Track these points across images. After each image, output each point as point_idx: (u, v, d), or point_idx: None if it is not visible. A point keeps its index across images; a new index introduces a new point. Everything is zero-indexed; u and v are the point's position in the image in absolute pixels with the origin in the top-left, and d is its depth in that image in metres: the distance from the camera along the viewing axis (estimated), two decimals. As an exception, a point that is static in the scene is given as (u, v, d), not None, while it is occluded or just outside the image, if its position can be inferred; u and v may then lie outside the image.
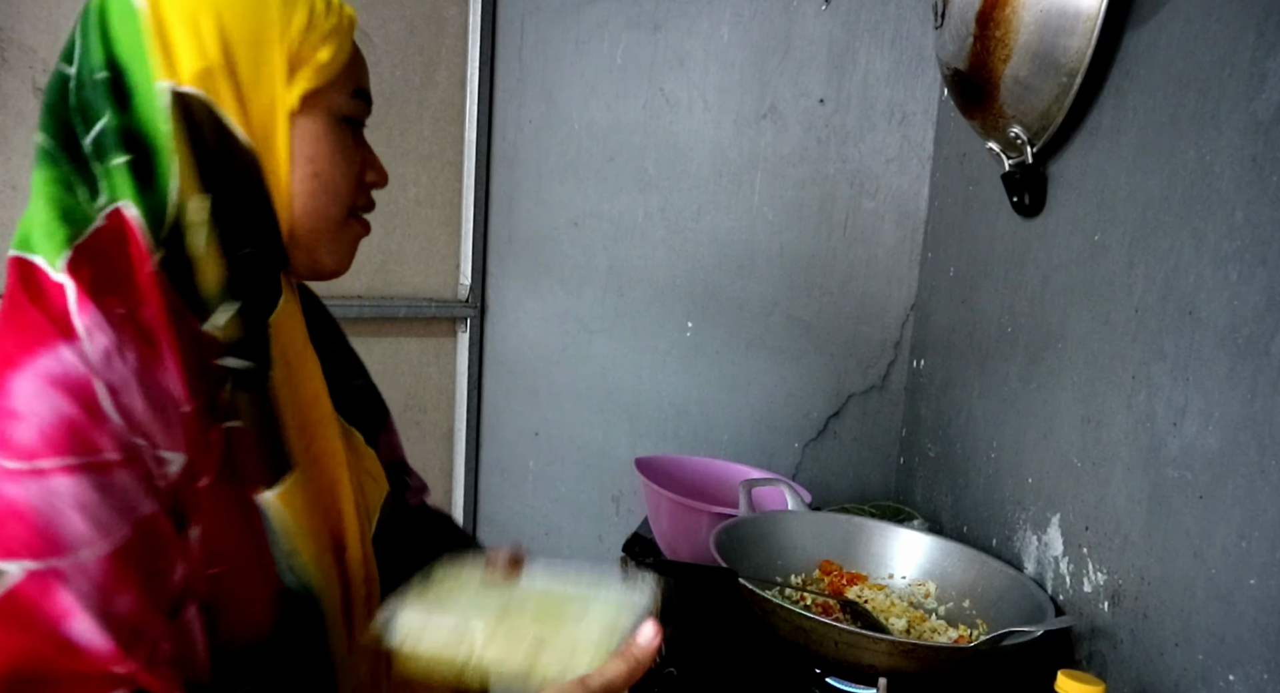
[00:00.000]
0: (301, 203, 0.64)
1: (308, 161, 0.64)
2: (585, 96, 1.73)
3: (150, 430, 0.54)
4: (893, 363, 1.63)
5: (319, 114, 0.64)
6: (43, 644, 0.47)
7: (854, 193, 1.61)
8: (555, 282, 1.79)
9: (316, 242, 0.66)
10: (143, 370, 0.54)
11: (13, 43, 1.37)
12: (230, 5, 0.59)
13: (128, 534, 0.51)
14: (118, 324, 0.54)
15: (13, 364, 0.51)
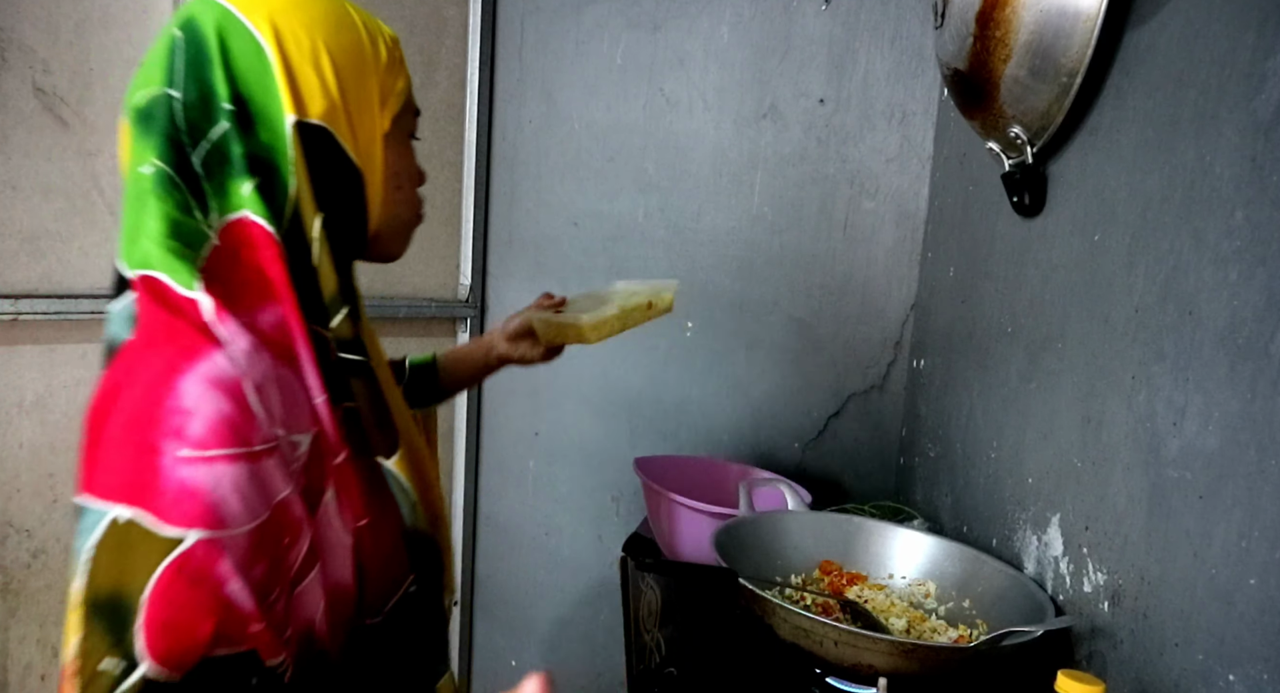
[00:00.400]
0: (388, 209, 0.75)
1: (394, 175, 0.75)
2: (585, 96, 1.73)
3: (284, 420, 0.63)
4: (893, 363, 1.63)
5: (399, 133, 0.75)
6: (209, 600, 0.57)
7: (854, 193, 1.61)
8: (555, 282, 1.79)
9: (393, 239, 0.78)
10: (275, 367, 0.64)
11: (13, 43, 1.37)
12: (341, 47, 0.69)
13: (267, 515, 0.60)
14: (251, 330, 0.63)
15: (178, 370, 0.60)
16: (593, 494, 1.83)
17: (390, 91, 0.73)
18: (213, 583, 0.57)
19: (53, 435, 1.47)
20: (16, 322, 1.40)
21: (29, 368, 1.44)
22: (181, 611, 0.56)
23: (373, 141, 0.72)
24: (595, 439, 1.80)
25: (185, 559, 0.56)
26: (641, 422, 1.77)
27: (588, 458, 1.81)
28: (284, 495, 0.62)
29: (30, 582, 1.48)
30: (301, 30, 0.67)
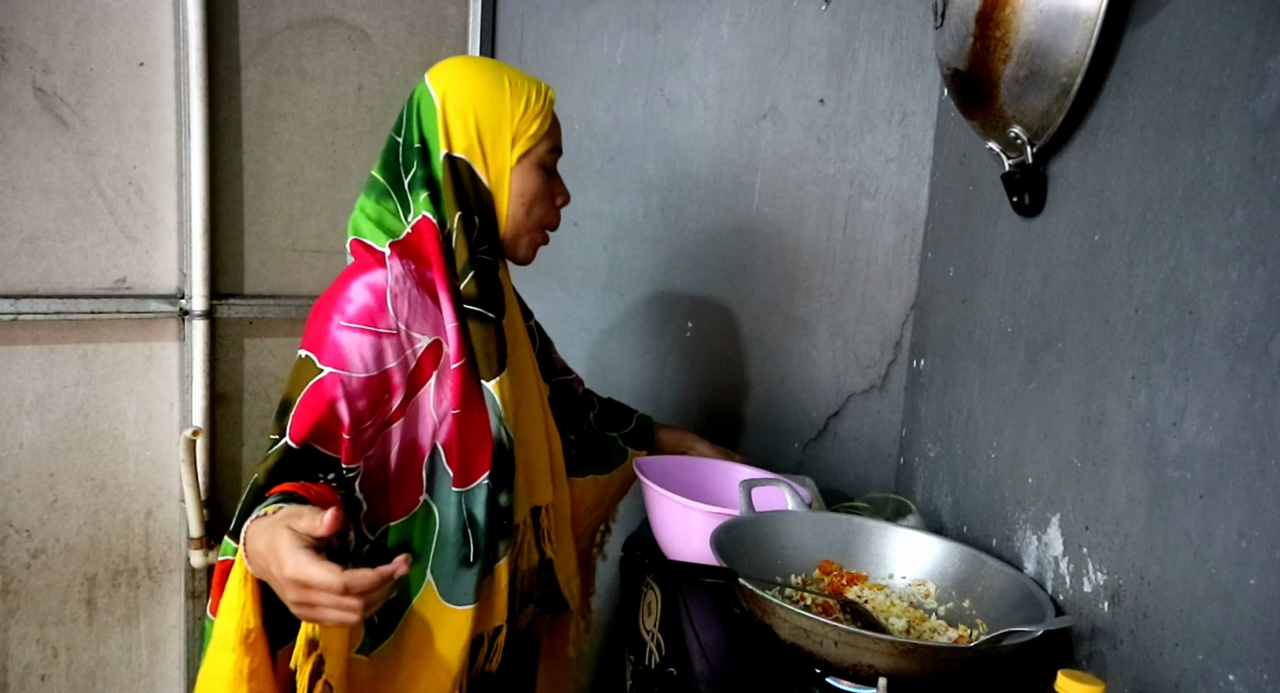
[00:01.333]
0: (513, 221, 1.09)
1: (519, 195, 1.08)
2: (585, 97, 1.73)
3: (409, 320, 0.99)
4: (893, 363, 1.63)
5: (528, 165, 1.07)
6: (321, 406, 0.93)
7: (854, 193, 1.61)
8: (555, 282, 1.79)
9: (517, 244, 1.12)
10: (416, 291, 1.00)
11: (13, 43, 1.37)
12: (484, 103, 1.04)
13: (377, 373, 0.96)
14: (409, 270, 1.01)
15: (355, 277, 0.99)
16: (593, 494, 1.82)
17: (521, 135, 1.06)
18: (328, 398, 0.93)
19: (53, 435, 1.47)
20: (16, 322, 1.40)
21: (29, 368, 1.44)
22: (306, 409, 0.92)
23: (502, 170, 1.06)
24: (595, 439, 1.80)
25: (320, 383, 0.93)
26: (641, 422, 1.77)
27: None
28: (391, 366, 0.97)
29: (30, 582, 1.48)
30: (459, 91, 1.04)
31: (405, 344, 0.98)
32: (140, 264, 1.51)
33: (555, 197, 1.12)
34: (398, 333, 0.97)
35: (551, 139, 1.08)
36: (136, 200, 1.49)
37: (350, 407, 0.93)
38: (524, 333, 1.16)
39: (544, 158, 1.08)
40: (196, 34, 1.45)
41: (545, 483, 1.15)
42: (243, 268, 1.58)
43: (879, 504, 1.49)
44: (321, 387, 0.92)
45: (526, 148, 1.06)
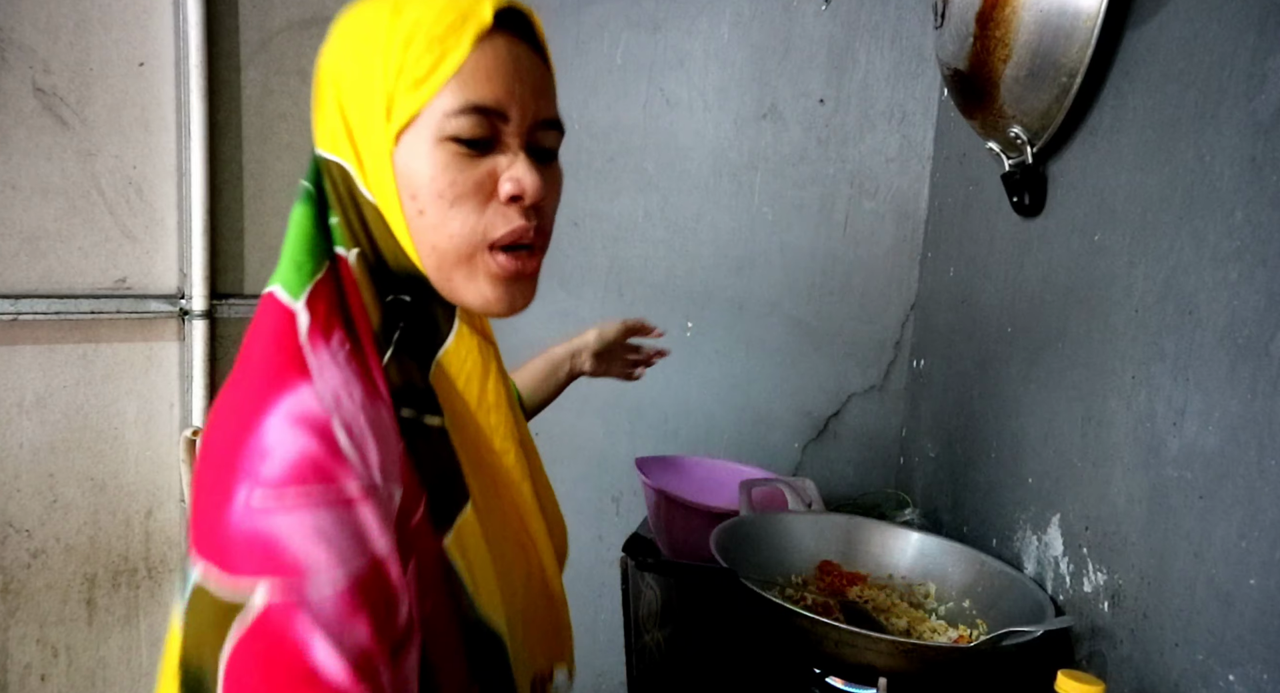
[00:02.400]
0: (418, 240, 0.62)
1: (410, 198, 0.61)
2: (585, 96, 1.73)
3: (382, 466, 0.55)
4: (893, 363, 1.63)
5: (420, 141, 0.60)
6: (289, 672, 0.47)
7: (854, 193, 1.61)
8: (555, 282, 1.79)
9: (447, 279, 0.63)
10: (368, 406, 0.56)
11: (13, 43, 1.37)
12: (350, 55, 0.61)
13: (364, 566, 0.51)
14: (343, 361, 0.57)
15: (265, 407, 0.54)
16: (593, 494, 1.82)
17: (402, 90, 0.59)
18: (292, 650, 0.47)
19: (53, 435, 1.47)
20: (16, 322, 1.40)
21: (29, 368, 1.44)
22: (258, 687, 0.47)
23: (381, 161, 0.61)
24: (595, 439, 1.80)
25: (260, 621, 0.47)
26: (641, 422, 1.77)
27: (588, 458, 1.81)
28: (385, 549, 0.53)
29: (30, 582, 1.48)
30: (331, 45, 0.63)
31: (389, 505, 0.54)
32: (140, 264, 1.51)
33: (495, 184, 0.61)
34: (376, 489, 0.53)
35: (469, 88, 0.59)
36: (136, 200, 1.49)
37: (341, 646, 0.48)
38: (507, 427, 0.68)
39: (450, 124, 0.59)
40: (196, 34, 1.45)
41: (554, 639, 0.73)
42: (243, 268, 1.58)
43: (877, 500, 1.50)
44: (264, 627, 0.48)
45: (413, 111, 0.59)
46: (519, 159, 0.61)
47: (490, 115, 0.60)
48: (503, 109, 0.60)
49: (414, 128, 0.59)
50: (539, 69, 0.63)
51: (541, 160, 0.64)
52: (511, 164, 0.61)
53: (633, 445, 1.76)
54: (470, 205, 0.61)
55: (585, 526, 1.84)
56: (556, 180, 0.66)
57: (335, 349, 0.57)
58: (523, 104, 0.61)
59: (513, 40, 0.61)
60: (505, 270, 0.62)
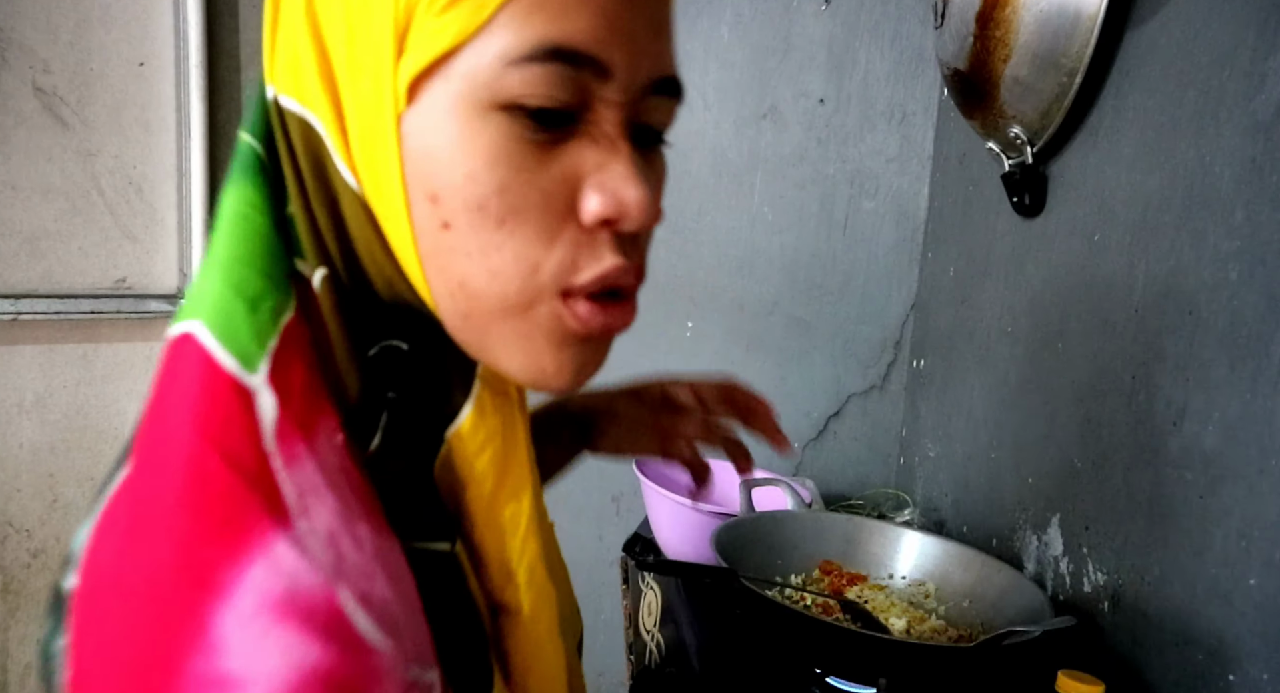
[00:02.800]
0: (435, 266, 0.37)
1: (427, 199, 0.36)
2: (585, 96, 1.73)
3: (416, 643, 0.34)
4: (893, 363, 1.63)
5: (448, 109, 0.35)
6: None
7: (854, 193, 1.61)
8: (555, 282, 1.79)
9: (479, 332, 0.39)
10: (384, 549, 0.35)
11: (13, 43, 1.37)
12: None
13: None
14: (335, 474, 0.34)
15: (213, 590, 0.29)
16: (593, 494, 1.82)
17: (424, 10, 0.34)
18: None
19: (53, 435, 1.47)
20: (16, 321, 1.40)
21: (29, 368, 1.44)
22: None
23: (377, 123, 0.36)
24: (595, 439, 1.80)
25: None
26: (641, 422, 1.77)
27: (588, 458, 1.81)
28: None
29: (30, 582, 1.48)
30: None
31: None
32: (140, 264, 1.51)
33: (575, 192, 0.36)
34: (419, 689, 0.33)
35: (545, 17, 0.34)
36: (136, 200, 1.49)
37: None
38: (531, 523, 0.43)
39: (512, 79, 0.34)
40: (196, 34, 1.45)
41: None
42: (243, 268, 1.58)
43: (877, 500, 1.50)
44: None
45: (442, 48, 0.34)
46: (620, 153, 0.37)
47: (584, 67, 0.35)
48: (605, 57, 0.35)
49: (442, 78, 0.35)
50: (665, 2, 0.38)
51: (646, 146, 0.40)
52: (607, 161, 0.37)
53: (633, 445, 1.76)
54: (535, 227, 0.36)
55: (585, 525, 1.84)
56: (661, 178, 0.42)
57: (324, 455, 0.34)
58: (636, 50, 0.36)
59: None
60: (586, 327, 0.39)
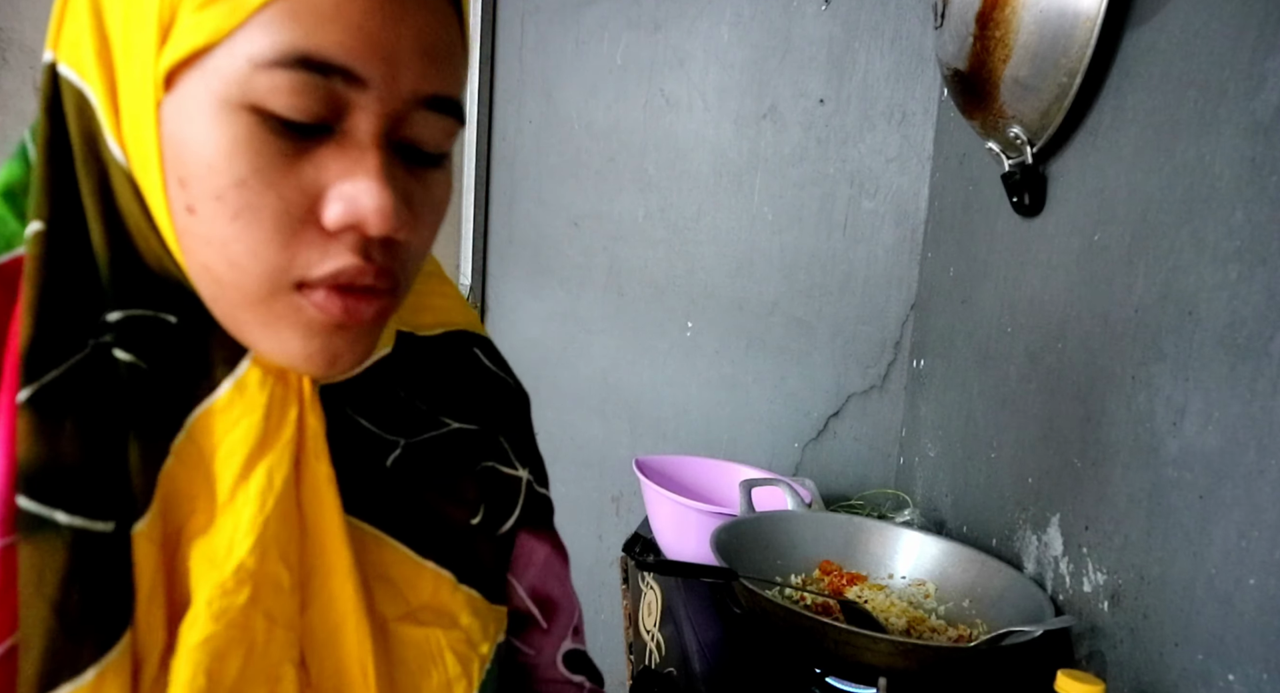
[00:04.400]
0: (186, 249, 0.39)
1: (177, 182, 0.38)
2: (585, 97, 1.73)
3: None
4: (893, 363, 1.63)
5: (200, 100, 0.37)
6: None
7: (854, 193, 1.61)
8: (555, 282, 1.79)
9: (231, 318, 0.40)
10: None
11: (13, 43, 1.37)
12: None
13: None
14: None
15: None
16: (593, 494, 1.83)
17: (187, 2, 0.36)
18: None
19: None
20: (16, 322, 1.41)
21: (29, 368, 1.44)
22: None
23: (140, 102, 0.38)
24: (595, 439, 1.80)
25: None
26: (641, 422, 1.77)
27: (588, 458, 1.81)
28: None
29: None
30: None
31: None
32: (140, 264, 1.51)
33: (319, 198, 0.38)
34: None
35: (299, 24, 0.36)
36: (136, 200, 1.49)
37: None
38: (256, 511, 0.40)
39: (259, 82, 0.36)
40: (196, 34, 1.46)
41: None
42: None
43: (877, 500, 1.50)
44: None
45: (199, 43, 0.36)
46: (366, 162, 0.38)
47: (333, 76, 0.37)
48: (357, 68, 0.37)
49: (199, 71, 0.36)
50: (440, 22, 0.40)
51: (417, 163, 0.42)
52: (352, 169, 0.38)
53: (633, 445, 1.76)
54: (270, 225, 0.37)
55: (585, 525, 1.84)
56: (436, 198, 0.44)
57: None
58: (395, 64, 0.38)
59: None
60: (327, 315, 0.39)
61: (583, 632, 0.64)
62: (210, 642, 0.38)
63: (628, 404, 1.77)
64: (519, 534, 0.58)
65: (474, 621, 0.50)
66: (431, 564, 0.49)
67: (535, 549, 0.60)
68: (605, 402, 1.79)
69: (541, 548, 0.60)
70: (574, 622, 0.63)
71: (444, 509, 0.51)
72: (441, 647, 0.48)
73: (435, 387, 0.54)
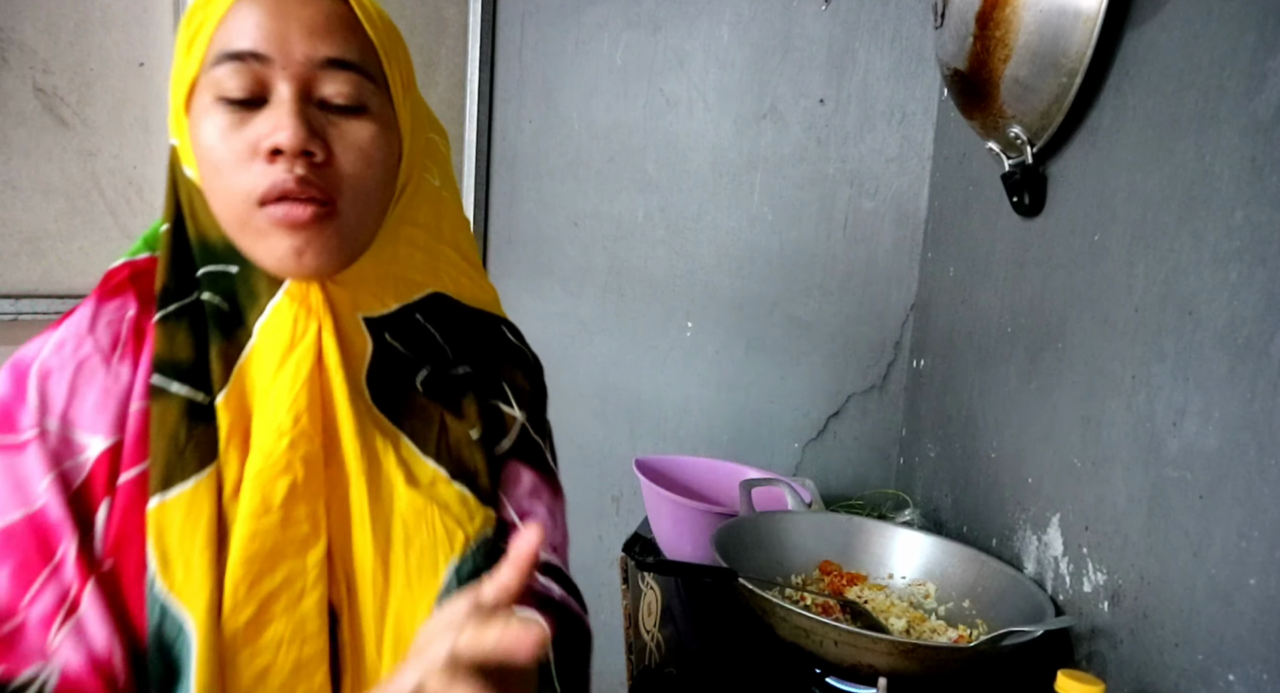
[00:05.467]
0: (215, 201, 0.61)
1: (201, 159, 0.60)
2: (585, 96, 1.73)
3: (73, 414, 0.58)
4: (893, 363, 1.63)
5: (203, 105, 0.59)
6: None
7: (854, 193, 1.61)
8: (555, 282, 1.79)
9: (242, 244, 0.61)
10: (100, 361, 0.60)
11: (13, 43, 1.37)
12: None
13: (15, 520, 0.55)
14: (102, 319, 0.62)
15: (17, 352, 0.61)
16: (593, 494, 1.83)
17: (187, 57, 0.59)
18: None
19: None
20: (17, 321, 1.40)
21: (29, 368, 1.44)
22: None
23: (185, 133, 0.61)
24: (595, 439, 1.80)
25: None
26: (641, 422, 1.77)
27: (588, 458, 1.81)
28: (38, 497, 0.55)
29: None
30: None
31: (60, 454, 0.57)
32: (140, 264, 1.51)
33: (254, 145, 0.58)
34: (44, 436, 0.57)
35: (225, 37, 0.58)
36: (137, 200, 1.49)
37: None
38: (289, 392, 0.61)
39: (213, 81, 0.58)
40: (196, 34, 1.46)
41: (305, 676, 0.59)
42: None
43: (877, 500, 1.50)
44: None
45: (192, 75, 0.60)
46: (281, 109, 0.57)
47: (247, 60, 0.57)
48: (260, 51, 0.57)
49: (196, 95, 0.60)
50: (325, 8, 0.59)
51: (335, 114, 0.60)
52: (276, 116, 0.57)
53: (633, 445, 1.76)
54: (239, 167, 0.58)
55: (585, 525, 1.84)
56: (358, 138, 0.60)
57: (106, 309, 0.62)
58: (286, 43, 0.57)
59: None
60: (277, 221, 0.58)
61: (564, 557, 0.75)
62: (263, 473, 0.59)
63: (628, 404, 1.77)
64: (510, 461, 0.72)
65: (462, 510, 0.65)
66: (431, 461, 0.66)
67: (522, 475, 0.72)
68: (605, 402, 1.79)
69: (529, 475, 0.72)
70: (553, 541, 0.73)
71: (449, 422, 0.68)
72: (434, 515, 0.63)
73: (464, 340, 0.73)
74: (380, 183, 0.62)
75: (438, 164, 0.71)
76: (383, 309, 0.66)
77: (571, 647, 0.68)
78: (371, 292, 0.65)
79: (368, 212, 0.62)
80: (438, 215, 0.70)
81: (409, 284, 0.68)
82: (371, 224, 0.63)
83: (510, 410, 0.73)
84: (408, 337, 0.68)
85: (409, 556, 0.62)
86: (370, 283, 0.65)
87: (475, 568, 0.62)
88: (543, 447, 0.76)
